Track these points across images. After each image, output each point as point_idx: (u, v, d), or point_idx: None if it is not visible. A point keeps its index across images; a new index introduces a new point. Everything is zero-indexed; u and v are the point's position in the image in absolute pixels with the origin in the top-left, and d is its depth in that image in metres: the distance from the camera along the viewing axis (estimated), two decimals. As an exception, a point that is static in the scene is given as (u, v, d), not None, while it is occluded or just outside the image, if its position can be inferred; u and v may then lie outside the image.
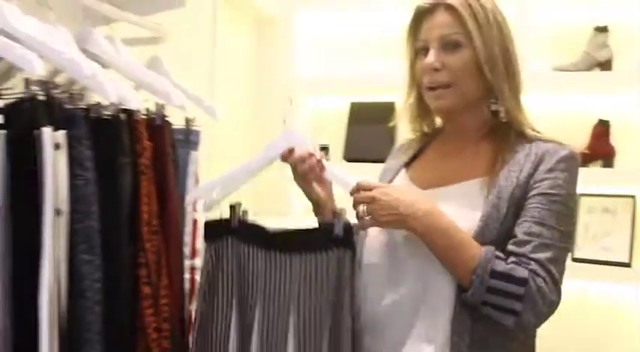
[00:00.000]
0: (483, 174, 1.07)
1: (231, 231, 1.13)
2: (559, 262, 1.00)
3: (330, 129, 2.68)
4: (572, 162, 1.05)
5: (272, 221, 1.15)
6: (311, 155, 1.14)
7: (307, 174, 1.14)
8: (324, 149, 2.57)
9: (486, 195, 1.04)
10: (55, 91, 0.97)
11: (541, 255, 0.99)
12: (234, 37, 2.52)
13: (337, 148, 2.63)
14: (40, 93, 0.93)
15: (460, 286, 1.00)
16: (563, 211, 1.02)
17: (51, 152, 0.90)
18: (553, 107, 2.30)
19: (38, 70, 0.91)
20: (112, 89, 1.00)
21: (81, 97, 1.03)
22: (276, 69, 2.76)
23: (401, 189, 1.11)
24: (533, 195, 1.02)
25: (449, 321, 1.01)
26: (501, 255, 1.00)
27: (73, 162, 0.97)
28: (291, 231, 1.11)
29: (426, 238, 1.01)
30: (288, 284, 1.08)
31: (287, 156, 1.14)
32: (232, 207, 1.13)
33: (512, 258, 0.99)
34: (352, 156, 2.58)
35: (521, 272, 0.98)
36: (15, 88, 1.04)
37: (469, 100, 1.10)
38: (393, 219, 1.02)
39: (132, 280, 1.10)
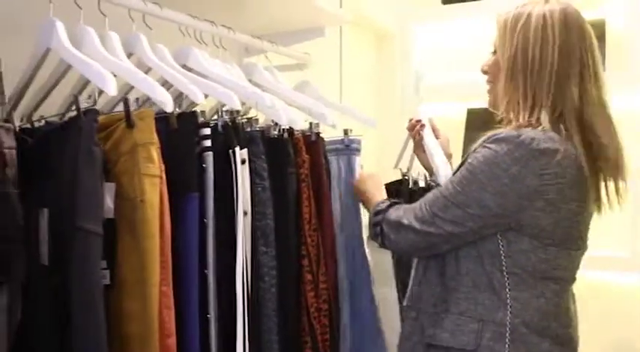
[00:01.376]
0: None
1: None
2: (434, 202, 1.17)
3: (449, 134, 2.83)
4: (504, 143, 1.10)
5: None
6: (418, 121, 1.47)
7: (415, 140, 1.49)
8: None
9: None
10: (238, 118, 1.22)
11: (420, 206, 1.20)
12: (357, 54, 2.74)
13: (456, 153, 2.77)
14: (229, 120, 1.18)
15: None
16: (466, 175, 1.13)
17: (240, 166, 1.15)
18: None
19: (237, 105, 1.16)
20: (284, 115, 1.24)
21: (257, 121, 1.28)
22: (394, 80, 2.96)
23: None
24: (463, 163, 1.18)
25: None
26: (389, 200, 1.32)
27: (253, 173, 1.21)
28: None
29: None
30: None
31: (409, 126, 1.50)
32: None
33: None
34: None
35: (384, 204, 1.29)
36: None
37: (500, 97, 1.20)
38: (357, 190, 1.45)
39: (297, 268, 1.32)
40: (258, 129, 1.26)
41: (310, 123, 1.41)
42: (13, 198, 0.75)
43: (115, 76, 0.94)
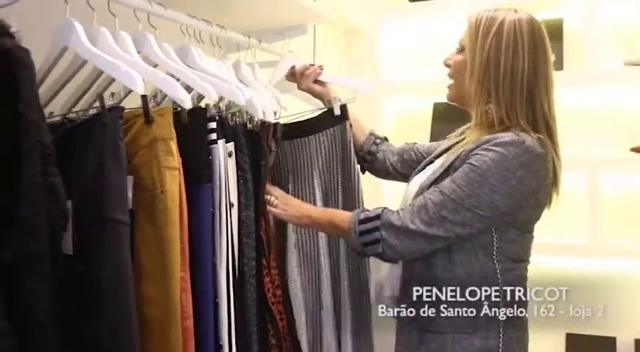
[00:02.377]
0: (447, 154, 1.32)
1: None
2: (443, 205, 1.19)
3: (416, 127, 2.95)
4: (510, 147, 1.17)
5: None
6: (311, 65, 1.62)
7: (309, 77, 1.59)
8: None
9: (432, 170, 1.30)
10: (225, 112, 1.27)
11: (420, 197, 1.23)
12: (329, 51, 2.82)
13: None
14: (215, 114, 1.21)
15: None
16: (476, 178, 1.18)
17: (226, 159, 1.18)
18: (625, 102, 2.52)
19: (214, 97, 1.20)
20: (260, 108, 1.28)
21: (240, 115, 1.34)
22: (364, 75, 3.06)
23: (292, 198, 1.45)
24: (463, 165, 1.21)
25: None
26: (369, 208, 1.31)
27: (237, 166, 1.24)
28: (302, 120, 1.57)
29: (309, 225, 1.44)
30: (309, 159, 1.54)
31: (293, 72, 1.62)
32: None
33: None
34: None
35: (375, 211, 1.27)
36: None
37: (462, 95, 1.30)
38: (292, 217, 1.41)
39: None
40: (239, 123, 1.31)
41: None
42: (60, 188, 0.80)
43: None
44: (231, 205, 1.22)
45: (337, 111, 1.55)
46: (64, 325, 0.97)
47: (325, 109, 1.58)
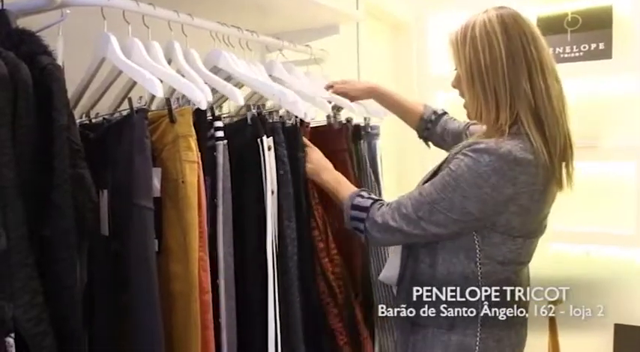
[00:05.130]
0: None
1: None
2: (419, 206, 1.25)
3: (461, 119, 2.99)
4: (485, 154, 1.18)
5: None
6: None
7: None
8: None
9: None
10: (264, 111, 1.42)
11: (405, 195, 1.29)
12: (373, 46, 2.91)
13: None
14: (256, 113, 1.38)
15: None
16: (450, 182, 1.22)
17: (267, 152, 1.35)
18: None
19: (240, 102, 1.35)
20: (302, 109, 1.42)
21: (277, 113, 1.48)
22: (411, 68, 3.13)
23: (320, 154, 1.53)
24: (443, 169, 1.26)
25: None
26: (364, 194, 1.39)
27: (277, 159, 1.40)
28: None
29: (322, 186, 1.49)
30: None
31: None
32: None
33: (379, 202, 1.36)
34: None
35: (366, 202, 1.36)
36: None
37: (469, 105, 1.29)
38: (310, 170, 1.49)
39: (311, 238, 1.51)
40: (278, 120, 1.46)
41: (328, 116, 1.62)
42: (87, 178, 0.97)
43: (160, 80, 1.15)
44: (272, 192, 1.37)
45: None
46: (103, 294, 1.16)
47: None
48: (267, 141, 1.35)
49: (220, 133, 1.28)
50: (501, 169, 1.18)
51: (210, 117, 1.26)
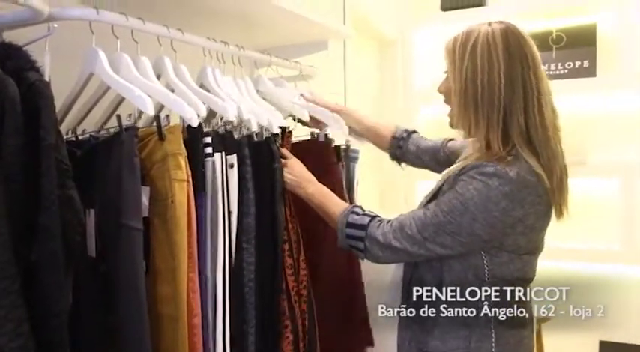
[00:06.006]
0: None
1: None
2: (425, 227, 1.23)
3: (446, 134, 3.00)
4: (495, 178, 1.17)
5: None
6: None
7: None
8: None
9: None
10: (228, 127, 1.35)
11: (407, 215, 1.27)
12: (360, 61, 2.91)
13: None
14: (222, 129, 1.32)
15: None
16: (457, 206, 1.20)
17: (229, 170, 1.27)
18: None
19: (232, 117, 1.31)
20: (253, 120, 1.37)
21: (245, 128, 1.39)
22: (396, 83, 3.14)
23: (303, 167, 1.48)
24: (448, 191, 1.24)
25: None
26: (359, 210, 1.35)
27: (240, 177, 1.30)
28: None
29: (309, 201, 1.44)
30: None
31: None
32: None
33: (377, 219, 1.32)
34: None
35: (363, 220, 1.31)
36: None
37: (456, 115, 1.28)
38: (293, 182, 1.43)
39: (276, 256, 1.38)
40: (245, 135, 1.38)
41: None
42: (76, 199, 0.93)
43: (150, 96, 1.12)
44: (230, 213, 1.29)
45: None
46: (90, 316, 1.12)
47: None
48: (229, 159, 1.28)
49: (209, 149, 1.24)
50: (511, 193, 1.18)
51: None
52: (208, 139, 1.24)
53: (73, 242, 0.92)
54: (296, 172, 1.46)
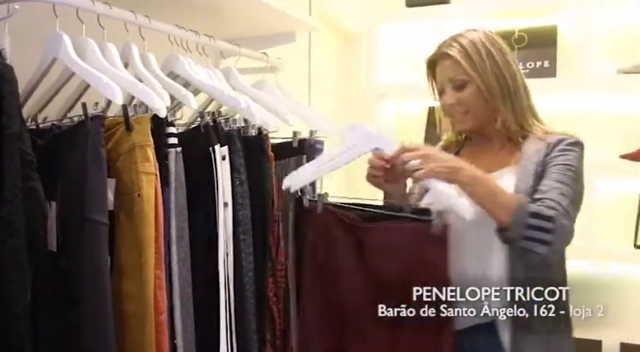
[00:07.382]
0: (507, 165, 1.36)
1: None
2: (573, 206, 1.28)
3: (411, 130, 3.02)
4: (578, 146, 1.34)
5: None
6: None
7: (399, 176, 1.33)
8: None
9: (515, 177, 1.32)
10: (219, 118, 1.35)
11: (561, 200, 1.26)
12: (325, 56, 2.89)
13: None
14: (210, 120, 1.30)
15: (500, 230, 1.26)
16: (572, 176, 1.30)
17: (221, 162, 1.27)
18: (617, 109, 2.58)
19: (194, 106, 1.28)
20: (257, 116, 1.36)
21: (234, 121, 1.42)
22: (361, 78, 3.13)
23: (438, 151, 1.40)
24: (552, 166, 1.31)
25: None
26: (531, 202, 1.29)
27: (233, 169, 1.31)
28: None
29: (472, 187, 1.23)
30: None
31: (396, 158, 1.26)
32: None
33: (538, 202, 1.24)
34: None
35: (548, 211, 1.23)
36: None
37: (483, 120, 1.38)
38: (445, 170, 1.22)
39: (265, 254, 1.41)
40: (235, 128, 1.38)
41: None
42: (39, 191, 0.88)
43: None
44: (225, 205, 1.28)
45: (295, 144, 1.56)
46: (50, 313, 1.07)
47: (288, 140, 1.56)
48: (222, 151, 1.27)
49: (173, 140, 1.19)
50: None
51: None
52: (173, 129, 1.20)
53: (36, 236, 0.87)
54: (437, 158, 1.26)
